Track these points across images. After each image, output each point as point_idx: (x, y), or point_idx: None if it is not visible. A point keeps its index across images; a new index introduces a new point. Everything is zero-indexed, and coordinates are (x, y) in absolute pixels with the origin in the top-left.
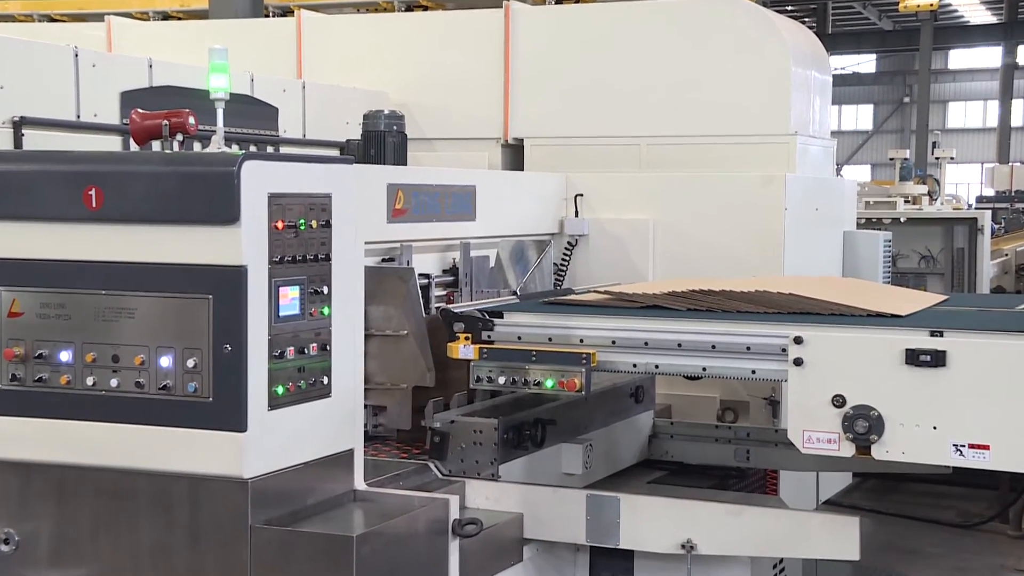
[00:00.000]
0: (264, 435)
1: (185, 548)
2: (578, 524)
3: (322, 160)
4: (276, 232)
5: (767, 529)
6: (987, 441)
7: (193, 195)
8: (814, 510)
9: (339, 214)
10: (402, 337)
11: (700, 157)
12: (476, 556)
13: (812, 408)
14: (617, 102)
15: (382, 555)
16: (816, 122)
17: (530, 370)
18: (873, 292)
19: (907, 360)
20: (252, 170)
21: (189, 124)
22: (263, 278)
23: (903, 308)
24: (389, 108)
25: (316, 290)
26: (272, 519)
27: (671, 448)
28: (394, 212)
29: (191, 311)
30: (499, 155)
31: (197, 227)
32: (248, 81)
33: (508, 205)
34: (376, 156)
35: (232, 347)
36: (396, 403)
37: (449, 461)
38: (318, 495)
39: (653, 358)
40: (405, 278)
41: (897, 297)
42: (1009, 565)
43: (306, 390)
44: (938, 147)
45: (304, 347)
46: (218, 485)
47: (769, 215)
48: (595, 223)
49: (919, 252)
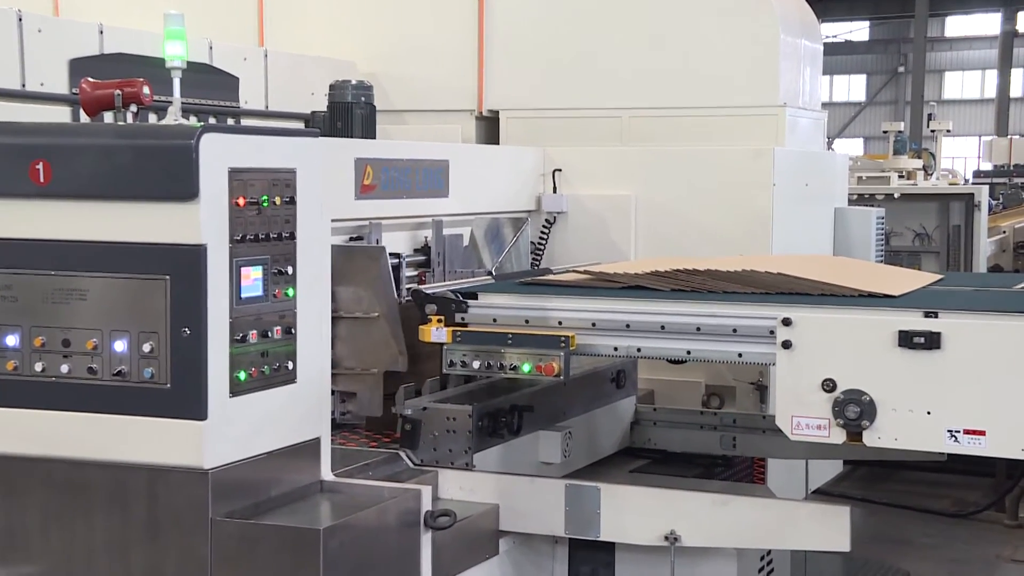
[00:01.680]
0: (225, 423)
1: (142, 543)
2: (556, 515)
3: (286, 133)
4: (237, 209)
5: (754, 520)
6: (983, 427)
7: (148, 170)
8: (803, 500)
9: (304, 190)
10: (372, 320)
11: (684, 130)
12: (449, 549)
13: (801, 393)
14: (598, 72)
15: (350, 549)
16: (806, 93)
17: (506, 354)
18: (865, 271)
19: (900, 342)
20: (211, 143)
21: (143, 94)
22: (223, 258)
23: (896, 288)
24: (357, 78)
25: (280, 270)
26: (234, 511)
27: (654, 435)
28: (362, 188)
29: (147, 293)
30: (473, 128)
31: (153, 204)
32: (206, 49)
33: (483, 181)
34: (343, 129)
35: (191, 331)
36: (365, 389)
37: (421, 450)
38: (283, 486)
39: (635, 341)
40: (375, 257)
41: (890, 276)
42: (1006, 556)
43: (270, 376)
44: (934, 119)
45: (268, 330)
46: (177, 476)
47: (756, 191)
48: (574, 199)
49: (913, 229)
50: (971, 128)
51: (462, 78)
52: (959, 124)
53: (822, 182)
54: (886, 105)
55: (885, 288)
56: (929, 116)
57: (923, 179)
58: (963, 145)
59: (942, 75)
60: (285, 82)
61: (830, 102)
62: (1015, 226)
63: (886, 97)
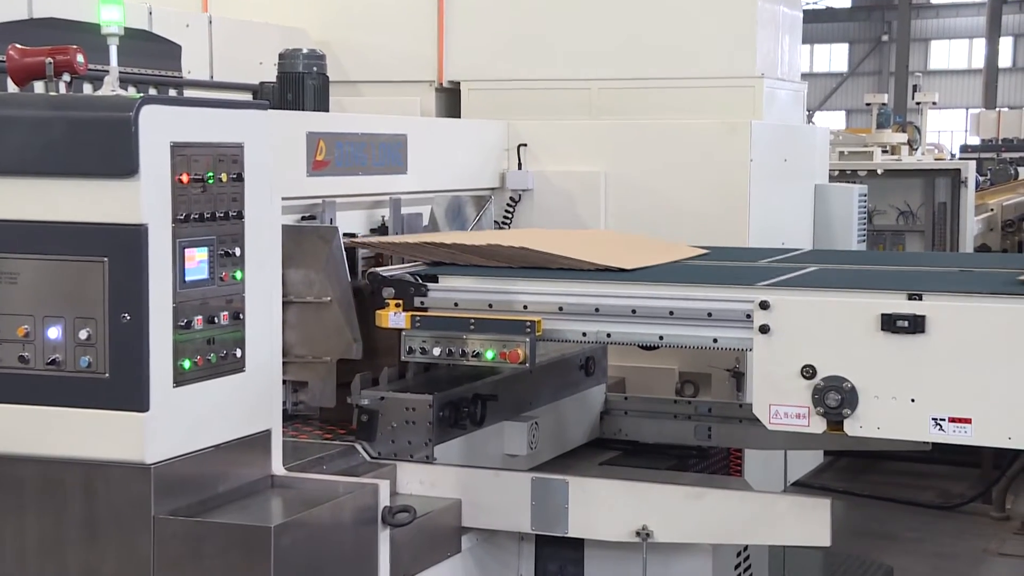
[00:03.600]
0: (169, 415)
1: (79, 543)
2: (522, 511)
3: (232, 105)
4: (180, 186)
5: (730, 514)
6: (969, 414)
7: (84, 144)
8: (782, 492)
9: (252, 166)
10: (325, 304)
11: (657, 103)
12: (409, 547)
13: (780, 380)
14: (565, 41)
15: (303, 547)
16: (785, 63)
17: (468, 340)
18: (622, 245)
19: (883, 326)
20: (152, 116)
21: (77, 63)
22: (166, 238)
23: (634, 261)
24: (308, 47)
25: (227, 252)
26: (179, 509)
27: (625, 426)
28: (315, 164)
29: (83, 276)
30: (433, 100)
31: (89, 180)
32: (146, 14)
33: (443, 156)
34: (294, 101)
35: (131, 316)
36: (319, 378)
37: (378, 442)
38: (231, 481)
39: (605, 326)
40: (328, 238)
41: (645, 250)
42: (992, 549)
43: (216, 364)
44: (919, 91)
45: (214, 316)
46: (117, 472)
47: (732, 167)
48: (540, 176)
49: (897, 207)
50: (958, 100)
51: (421, 46)
52: (945, 96)
53: (801, 157)
54: (869, 76)
55: (620, 261)
56: (914, 87)
57: (907, 154)
58: (950, 118)
59: (928, 44)
60: (231, 51)
61: (810, 73)
62: (1003, 203)
63: (869, 67)
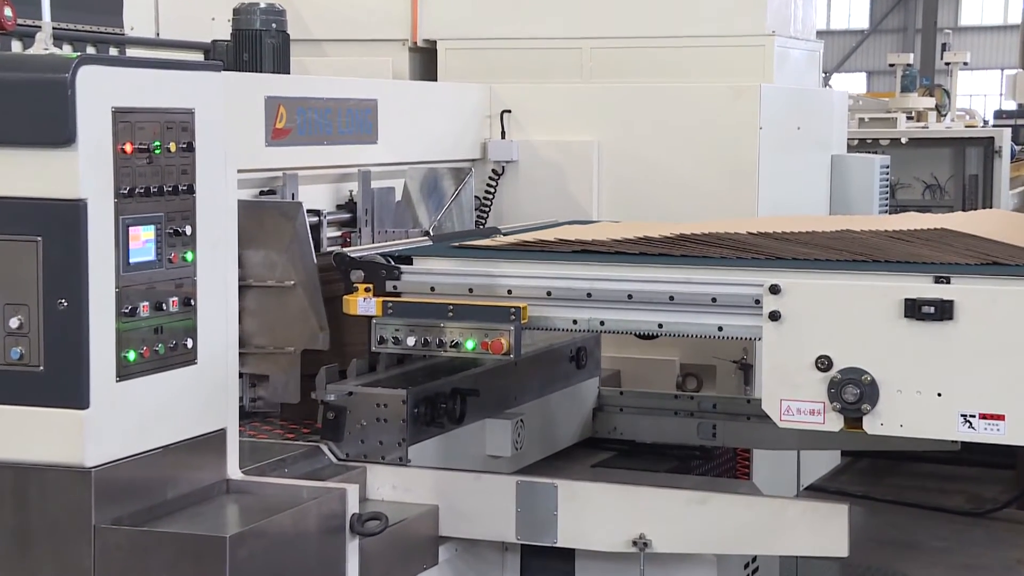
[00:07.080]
0: (111, 413)
1: (12, 555)
2: (506, 518)
3: (181, 66)
4: (124, 157)
5: (737, 521)
6: (1002, 411)
7: (13, 110)
8: (794, 497)
9: (204, 135)
10: (288, 289)
11: (655, 64)
12: (381, 558)
13: (792, 372)
14: None
15: (262, 559)
16: (798, 19)
17: (446, 329)
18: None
19: (907, 312)
20: (91, 77)
21: (5, 17)
22: (107, 215)
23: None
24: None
25: (176, 230)
26: (122, 517)
27: (620, 423)
28: (274, 133)
29: (14, 257)
30: (406, 61)
31: (20, 150)
32: None
33: (418, 124)
34: (251, 62)
35: (69, 303)
36: (280, 371)
37: (346, 442)
38: (181, 487)
39: (598, 313)
40: (290, 215)
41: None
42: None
43: (165, 356)
44: (948, 50)
45: (162, 302)
46: (53, 476)
47: (740, 135)
48: (526, 146)
49: (923, 180)
50: (992, 60)
51: (393, 1)
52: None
53: (817, 125)
54: (893, 33)
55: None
56: (943, 46)
57: (935, 121)
58: (982, 80)
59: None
60: (180, 5)
61: (827, 30)
62: None
63: (893, 24)
